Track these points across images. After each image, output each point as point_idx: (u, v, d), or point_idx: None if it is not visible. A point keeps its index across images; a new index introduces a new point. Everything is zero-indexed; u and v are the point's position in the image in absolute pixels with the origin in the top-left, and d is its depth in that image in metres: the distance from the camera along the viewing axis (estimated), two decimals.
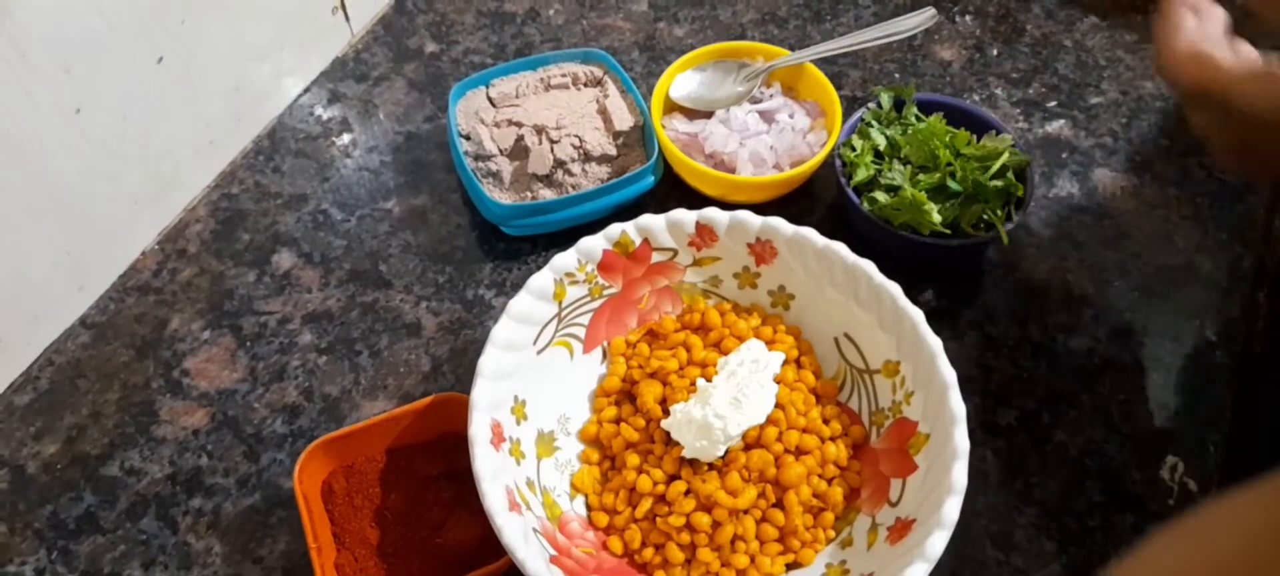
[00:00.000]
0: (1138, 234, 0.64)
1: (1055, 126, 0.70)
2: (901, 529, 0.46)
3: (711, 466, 0.49)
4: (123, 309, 0.60)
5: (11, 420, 0.56)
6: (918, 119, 0.64)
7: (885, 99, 0.65)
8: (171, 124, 0.62)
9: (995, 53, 0.75)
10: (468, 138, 0.65)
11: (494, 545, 0.44)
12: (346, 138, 0.70)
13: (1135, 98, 0.72)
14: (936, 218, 0.58)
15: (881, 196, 0.60)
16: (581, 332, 0.55)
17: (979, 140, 0.62)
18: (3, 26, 0.49)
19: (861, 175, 0.61)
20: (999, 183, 0.60)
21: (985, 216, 0.59)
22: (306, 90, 0.72)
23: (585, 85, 0.69)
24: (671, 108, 0.67)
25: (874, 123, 0.64)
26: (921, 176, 0.60)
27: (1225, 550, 0.21)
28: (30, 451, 0.55)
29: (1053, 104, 0.72)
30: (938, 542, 0.43)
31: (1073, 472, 0.53)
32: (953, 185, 0.60)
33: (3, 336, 0.56)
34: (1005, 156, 0.60)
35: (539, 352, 0.52)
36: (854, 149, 0.63)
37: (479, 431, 0.46)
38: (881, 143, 0.63)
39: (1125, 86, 0.73)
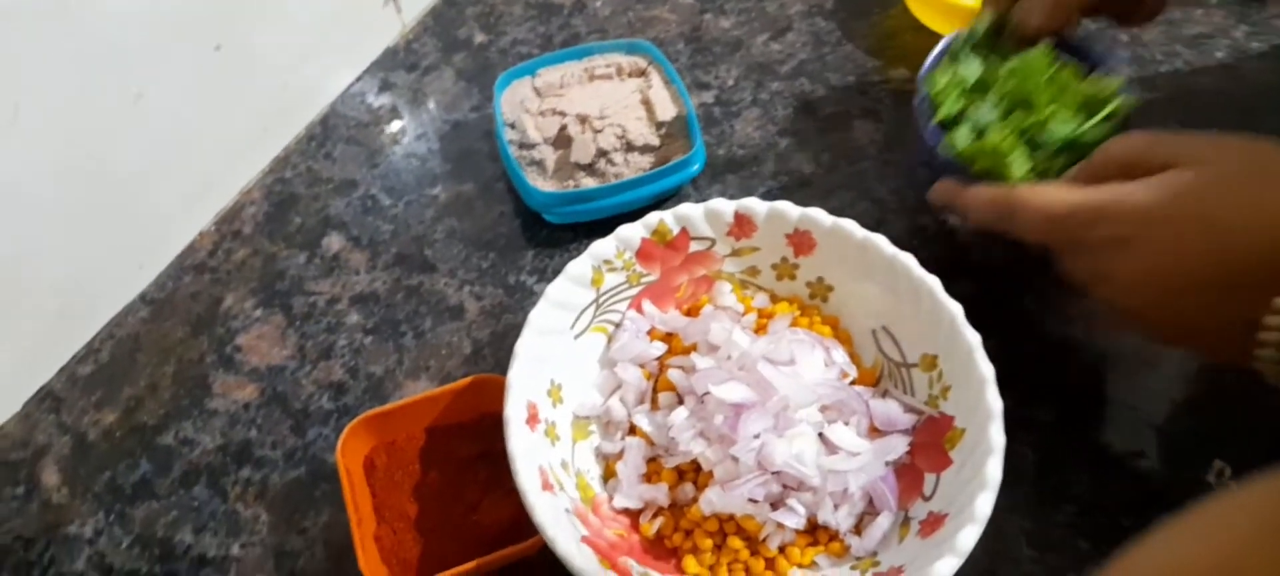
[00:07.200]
0: None
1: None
2: (933, 523, 0.46)
3: None
4: (180, 287, 0.63)
5: (74, 390, 0.58)
6: (1019, 49, 0.56)
7: (985, 19, 0.58)
8: (228, 110, 0.64)
9: None
10: (512, 126, 0.66)
11: (527, 525, 0.45)
12: (396, 125, 0.71)
13: (1190, 94, 0.70)
14: (1019, 170, 0.52)
15: (964, 136, 0.53)
16: (619, 318, 0.55)
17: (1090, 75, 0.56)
18: (68, 17, 0.51)
19: (947, 109, 0.55)
20: (1101, 132, 0.52)
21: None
22: (358, 79, 0.74)
23: (629, 76, 0.70)
24: None
25: (966, 50, 0.58)
26: (1015, 116, 0.54)
27: (1239, 540, 0.21)
28: (91, 419, 0.57)
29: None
30: (969, 537, 0.43)
31: (1112, 472, 0.53)
32: (1049, 134, 0.52)
33: (67, 310, 0.58)
34: (1114, 104, 0.53)
35: (576, 337, 0.53)
36: (939, 83, 0.56)
37: (515, 412, 0.48)
38: (972, 75, 0.56)
39: (1183, 82, 0.71)
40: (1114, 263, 0.45)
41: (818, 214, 0.54)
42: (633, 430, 0.52)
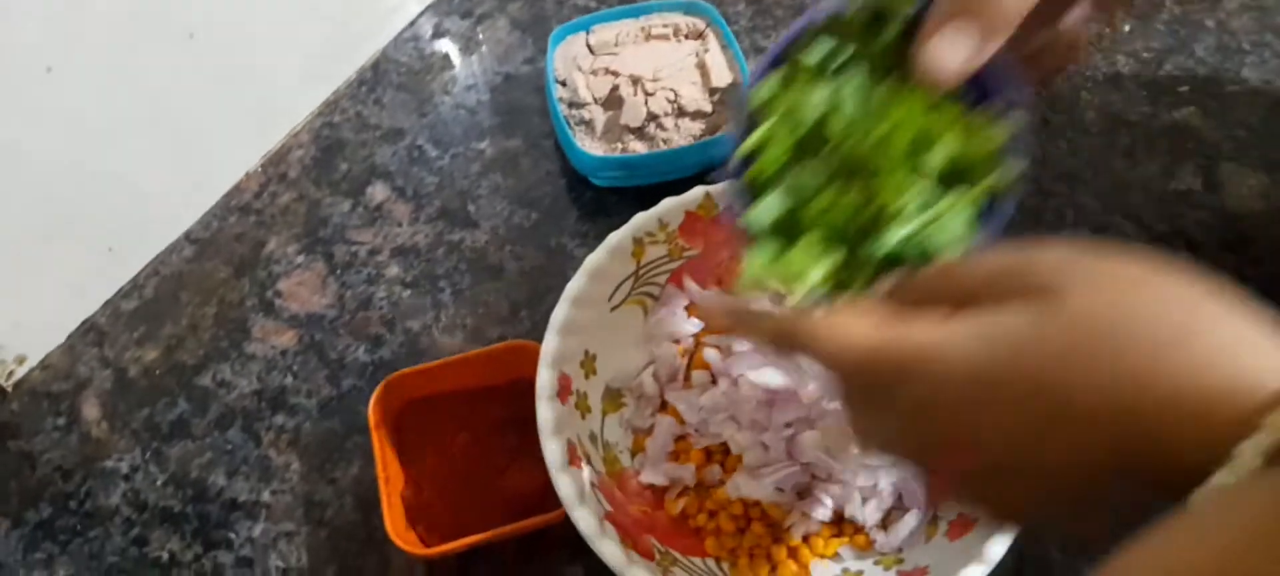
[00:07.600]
0: (1263, 238, 0.59)
1: (1182, 114, 0.66)
2: (963, 525, 0.45)
3: None
4: (225, 227, 0.63)
5: (118, 324, 0.59)
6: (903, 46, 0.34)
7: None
8: (279, 52, 0.64)
9: (1127, 29, 0.70)
10: (564, 84, 0.65)
11: (552, 494, 0.45)
12: (447, 74, 0.71)
13: (1278, 89, 0.66)
14: (801, 289, 0.34)
15: (771, 208, 0.35)
16: (658, 292, 0.54)
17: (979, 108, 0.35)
18: None
19: (765, 162, 0.35)
20: (951, 229, 0.34)
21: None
22: (412, 23, 0.73)
23: (686, 38, 0.68)
24: None
25: (820, 49, 0.35)
26: (844, 194, 0.34)
27: (1238, 538, 0.20)
28: (133, 356, 0.58)
29: (1184, 88, 0.67)
30: (1000, 542, 0.42)
31: None
32: (873, 243, 0.34)
33: (114, 245, 0.59)
34: (990, 179, 0.34)
35: (613, 309, 0.53)
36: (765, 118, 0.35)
37: (546, 385, 0.47)
38: (812, 113, 0.34)
39: (1270, 75, 0.67)
40: (923, 434, 0.31)
41: None
42: (664, 407, 0.52)
